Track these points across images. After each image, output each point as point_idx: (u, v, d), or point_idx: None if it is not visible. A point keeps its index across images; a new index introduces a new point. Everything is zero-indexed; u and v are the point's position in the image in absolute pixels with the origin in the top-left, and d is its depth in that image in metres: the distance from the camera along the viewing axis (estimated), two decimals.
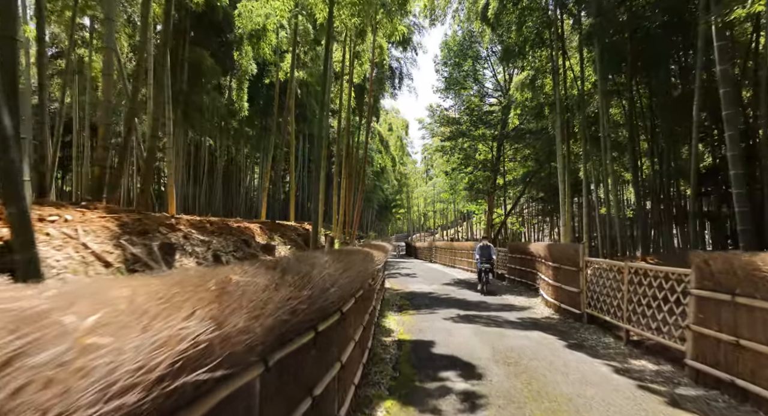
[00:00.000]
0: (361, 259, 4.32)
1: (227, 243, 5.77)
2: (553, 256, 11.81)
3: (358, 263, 4.12)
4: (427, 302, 13.82)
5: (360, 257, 4.30)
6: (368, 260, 4.74)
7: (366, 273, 4.87)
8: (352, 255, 4.17)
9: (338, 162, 14.29)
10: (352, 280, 4.02)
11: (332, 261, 3.28)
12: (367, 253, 4.90)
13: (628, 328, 7.66)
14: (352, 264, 3.81)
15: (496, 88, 25.58)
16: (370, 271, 5.29)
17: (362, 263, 4.43)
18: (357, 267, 4.15)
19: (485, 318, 10.73)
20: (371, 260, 4.96)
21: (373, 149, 30.05)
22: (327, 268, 2.90)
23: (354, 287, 4.51)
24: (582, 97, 14.48)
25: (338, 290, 3.21)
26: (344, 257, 3.83)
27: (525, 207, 33.75)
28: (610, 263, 8.62)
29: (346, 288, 3.75)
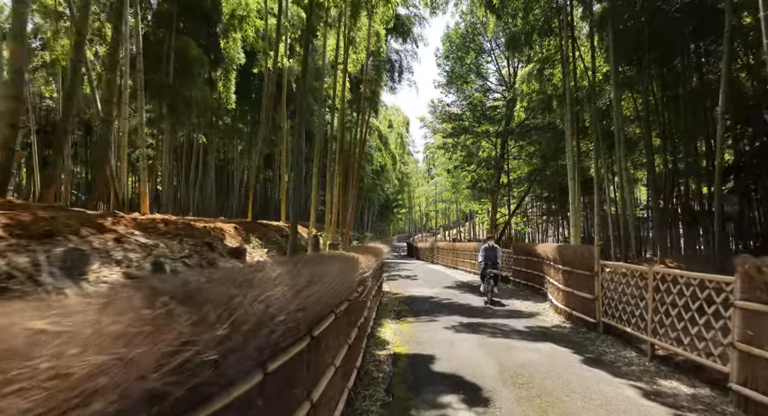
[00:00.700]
0: (341, 268, 3.49)
1: (182, 247, 4.97)
2: (563, 258, 10.95)
3: (334, 274, 3.28)
4: (427, 307, 12.98)
5: (339, 266, 3.46)
6: (351, 268, 3.91)
7: (349, 284, 4.04)
8: (328, 264, 3.33)
9: (331, 158, 13.41)
10: (327, 295, 3.19)
11: (293, 274, 2.44)
12: (350, 259, 4.07)
13: (654, 341, 6.79)
14: (324, 276, 2.97)
15: (500, 83, 24.73)
16: (355, 280, 4.45)
17: (343, 273, 3.60)
18: (334, 279, 3.31)
19: (490, 327, 9.88)
20: (355, 269, 4.12)
21: (372, 146, 29.19)
22: (276, 286, 2.06)
23: (332, 303, 3.69)
24: (593, 89, 13.62)
25: (298, 313, 2.39)
26: (316, 268, 2.99)
27: (529, 207, 32.89)
28: (631, 267, 7.76)
29: (316, 306, 2.93)
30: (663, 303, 6.60)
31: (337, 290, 3.66)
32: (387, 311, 12.33)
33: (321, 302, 3.09)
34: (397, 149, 38.67)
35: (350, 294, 4.78)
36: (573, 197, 12.98)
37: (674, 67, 13.95)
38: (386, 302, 13.94)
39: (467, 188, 25.04)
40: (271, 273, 2.15)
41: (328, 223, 12.49)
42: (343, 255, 4.08)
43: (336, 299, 3.85)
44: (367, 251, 5.74)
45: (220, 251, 5.59)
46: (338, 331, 4.40)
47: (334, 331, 4.18)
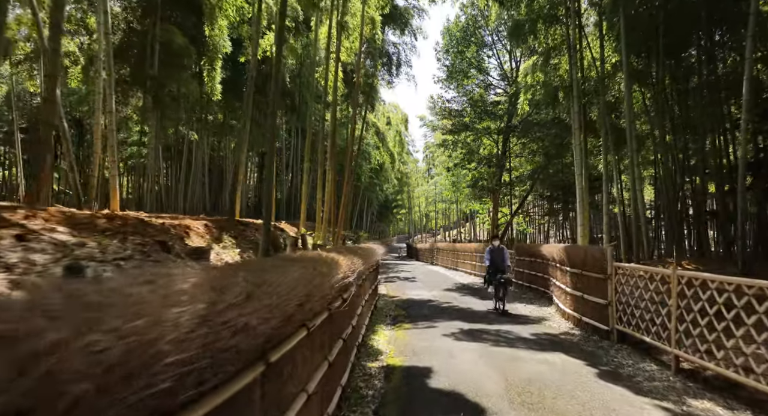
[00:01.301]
0: (310, 274, 2.76)
1: (123, 247, 4.26)
2: (571, 260, 10.22)
3: (299, 282, 2.55)
4: (426, 312, 12.25)
5: (305, 271, 2.74)
6: (326, 273, 3.19)
7: (323, 292, 3.32)
8: (291, 269, 2.60)
9: (323, 152, 12.65)
10: (287, 307, 2.47)
11: (222, 285, 1.72)
12: (326, 262, 3.35)
13: (678, 354, 6.06)
14: (279, 285, 2.24)
15: (501, 78, 24.01)
16: (334, 286, 3.74)
17: (314, 279, 2.88)
18: (297, 288, 2.58)
19: (493, 334, 9.14)
20: (332, 273, 3.40)
21: (370, 144, 28.39)
22: (175, 306, 1.33)
23: (300, 317, 2.98)
24: (602, 80, 12.89)
25: (230, 339, 1.67)
26: (267, 274, 2.27)
27: (531, 206, 32.16)
28: (650, 269, 7.03)
29: (269, 323, 2.22)
30: (689, 311, 5.87)
31: (307, 300, 2.94)
32: (382, 316, 11.60)
33: (279, 318, 2.37)
34: (396, 147, 37.77)
35: (330, 303, 4.06)
36: (580, 195, 12.21)
37: (686, 57, 13.24)
38: (382, 306, 13.21)
39: (468, 186, 24.28)
40: (172, 286, 1.42)
41: (320, 222, 11.73)
42: (317, 258, 3.35)
43: (307, 311, 3.14)
44: (354, 253, 5.01)
45: (178, 251, 4.86)
46: (313, 348, 3.69)
47: (307, 349, 3.46)
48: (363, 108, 22.95)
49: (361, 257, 5.31)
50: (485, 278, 12.40)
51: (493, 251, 11.97)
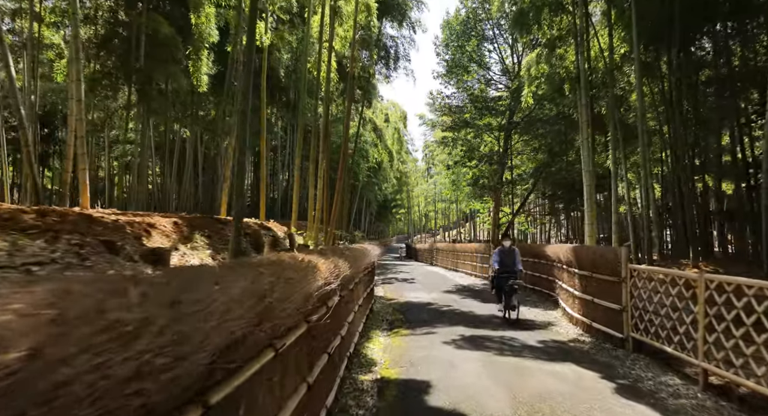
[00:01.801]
0: (267, 284, 2.12)
1: (52, 248, 3.64)
2: (580, 261, 9.59)
3: (253, 293, 1.91)
4: (424, 316, 11.61)
5: (264, 280, 2.10)
6: (299, 281, 2.56)
7: (294, 306, 2.68)
8: (242, 276, 1.96)
9: (315, 146, 11.96)
10: (241, 325, 1.86)
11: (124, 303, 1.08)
12: (299, 266, 2.72)
13: (707, 367, 5.42)
14: (209, 304, 1.60)
15: (503, 74, 23.34)
16: (312, 295, 3.11)
17: (268, 291, 2.24)
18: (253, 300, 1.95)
19: (497, 342, 8.50)
20: (306, 281, 2.77)
21: (367, 141, 27.67)
22: None
23: (266, 334, 2.36)
24: (610, 71, 12.23)
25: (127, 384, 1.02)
26: (197, 285, 1.63)
27: (532, 206, 31.51)
28: (672, 272, 6.39)
29: (204, 350, 1.60)
30: (720, 319, 5.23)
31: (266, 316, 2.30)
32: (378, 320, 10.96)
33: (214, 345, 1.74)
34: (394, 145, 36.96)
35: (308, 315, 3.42)
36: (588, 193, 11.53)
37: (699, 48, 12.62)
38: (378, 310, 12.58)
39: (468, 185, 23.62)
40: None
41: (311, 220, 11.06)
42: (289, 262, 2.71)
43: (274, 328, 2.50)
44: (341, 255, 4.37)
45: (129, 252, 4.22)
46: (286, 371, 3.05)
47: (278, 373, 2.82)
48: (360, 104, 22.28)
49: (350, 260, 4.67)
50: (492, 282, 11.17)
51: (503, 253, 10.59)
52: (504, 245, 10.77)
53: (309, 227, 11.08)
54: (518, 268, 10.42)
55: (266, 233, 7.88)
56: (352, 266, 5.05)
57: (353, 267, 5.07)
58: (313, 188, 11.21)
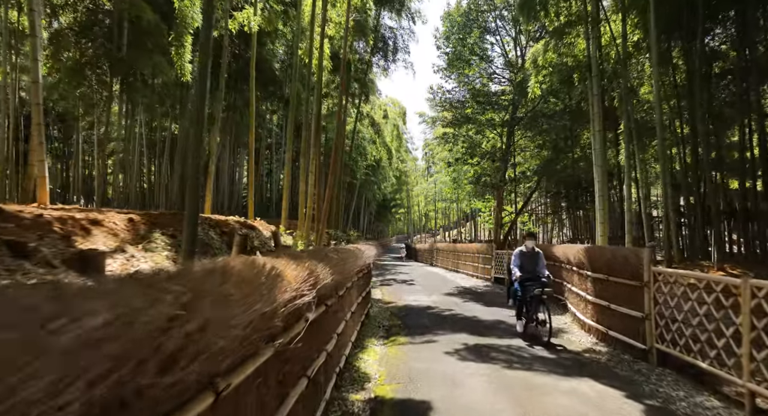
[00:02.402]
0: (164, 310, 1.33)
1: None
2: (594, 263, 8.83)
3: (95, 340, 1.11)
4: (425, 321, 10.85)
5: (166, 302, 1.31)
6: (229, 300, 1.78)
7: (247, 332, 1.91)
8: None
9: (306, 139, 11.20)
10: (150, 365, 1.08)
11: None
12: (244, 280, 1.95)
13: (755, 389, 4.66)
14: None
15: (506, 67, 22.57)
16: (276, 314, 2.36)
17: (165, 324, 1.45)
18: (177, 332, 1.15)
19: (505, 352, 7.75)
20: (262, 297, 2.00)
21: (365, 138, 26.86)
22: None
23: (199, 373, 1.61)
24: (624, 60, 11.44)
25: None
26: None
27: (535, 205, 30.72)
28: (705, 277, 5.64)
29: None
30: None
31: (200, 344, 1.56)
32: (375, 326, 10.20)
33: None
34: (393, 143, 36.08)
35: (275, 337, 2.68)
36: (600, 189, 10.74)
37: (718, 36, 11.88)
38: (375, 314, 11.82)
39: (470, 183, 22.85)
40: None
41: (302, 219, 10.31)
42: (236, 272, 1.94)
43: (208, 362, 1.75)
44: (324, 258, 3.61)
45: (47, 256, 3.47)
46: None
47: None
48: (357, 98, 21.52)
49: (337, 264, 3.92)
50: (510, 292, 9.27)
51: (525, 256, 8.71)
52: (526, 247, 8.79)
53: (299, 226, 10.31)
54: (544, 274, 8.46)
55: (248, 232, 7.13)
56: (340, 270, 4.30)
57: (342, 272, 4.32)
58: (304, 184, 10.43)
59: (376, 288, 18.43)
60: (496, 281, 20.53)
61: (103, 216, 4.84)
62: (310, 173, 10.13)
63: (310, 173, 10.10)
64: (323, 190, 11.56)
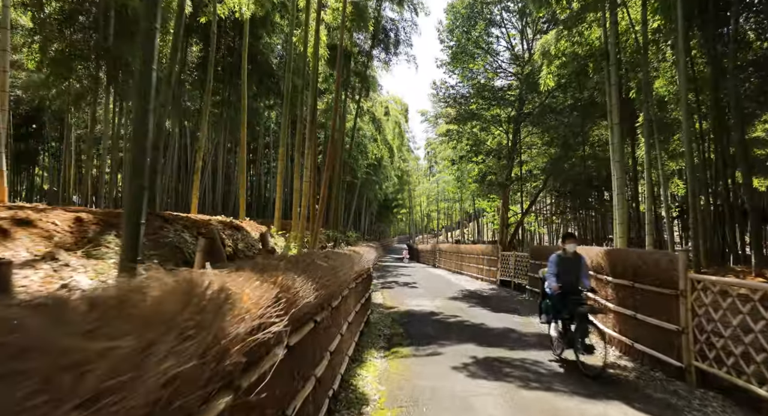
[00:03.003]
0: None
1: None
2: (615, 268, 8.05)
3: None
4: (429, 329, 10.07)
5: None
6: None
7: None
8: None
9: (301, 132, 10.41)
10: None
11: None
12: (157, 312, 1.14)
13: None
14: None
15: (512, 62, 21.76)
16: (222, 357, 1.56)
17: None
18: None
19: (519, 367, 6.97)
20: (200, 338, 1.19)
21: (366, 135, 26.04)
22: None
23: None
24: (644, 46, 10.61)
25: None
26: None
27: (541, 205, 29.87)
28: (761, 287, 4.84)
29: None
30: None
31: None
32: (374, 335, 9.43)
33: None
34: (395, 141, 35.20)
35: (232, 381, 1.91)
36: (618, 186, 9.89)
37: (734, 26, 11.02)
38: (376, 321, 11.05)
39: (474, 182, 22.02)
40: None
41: (296, 219, 9.56)
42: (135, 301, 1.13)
43: None
44: (308, 268, 2.84)
45: None
46: None
47: None
48: (356, 92, 20.74)
49: (325, 276, 3.14)
50: (541, 305, 7.68)
51: (564, 262, 6.99)
52: (565, 251, 7.09)
53: (293, 227, 9.54)
54: (588, 285, 6.90)
55: (233, 234, 6.37)
56: (332, 281, 3.52)
57: (333, 284, 3.56)
58: (299, 181, 9.65)
59: (377, 291, 17.66)
60: (502, 284, 19.76)
61: (39, 215, 4.08)
62: (305, 169, 9.35)
63: (306, 170, 9.32)
64: (319, 187, 10.91)
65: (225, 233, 5.95)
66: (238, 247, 5.80)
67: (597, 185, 21.40)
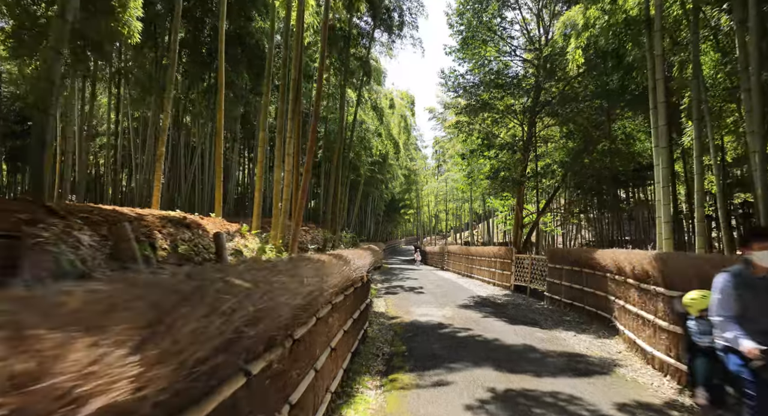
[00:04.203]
0: None
1: None
2: (672, 277, 6.48)
3: None
4: (436, 347, 8.55)
5: None
6: None
7: None
8: None
9: (281, 111, 8.83)
10: None
11: None
12: None
13: None
14: None
15: (527, 47, 20.11)
16: None
17: None
18: None
19: (551, 404, 5.45)
20: None
21: (369, 129, 24.47)
22: None
23: None
24: (695, 9, 8.90)
25: None
26: None
27: (554, 203, 28.05)
28: None
29: None
30: None
31: None
32: (371, 356, 7.94)
33: None
34: (401, 135, 33.46)
35: None
36: (664, 177, 8.16)
37: None
38: (375, 336, 9.56)
39: (486, 178, 20.42)
40: None
41: (277, 215, 8.06)
42: None
43: None
44: None
45: None
46: None
47: None
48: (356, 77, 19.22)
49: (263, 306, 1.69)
50: (693, 366, 4.58)
51: (751, 287, 3.49)
52: (756, 259, 3.50)
53: (274, 225, 8.06)
54: None
55: (175, 233, 4.87)
56: (265, 312, 2.04)
57: (273, 313, 2.09)
58: (280, 169, 8.14)
59: (379, 298, 16.19)
60: (517, 290, 18.19)
61: None
62: (287, 155, 7.85)
63: (288, 157, 7.82)
64: (320, 183, 9.48)
65: (162, 233, 4.56)
66: (178, 250, 4.40)
67: (624, 180, 19.69)
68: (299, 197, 7.08)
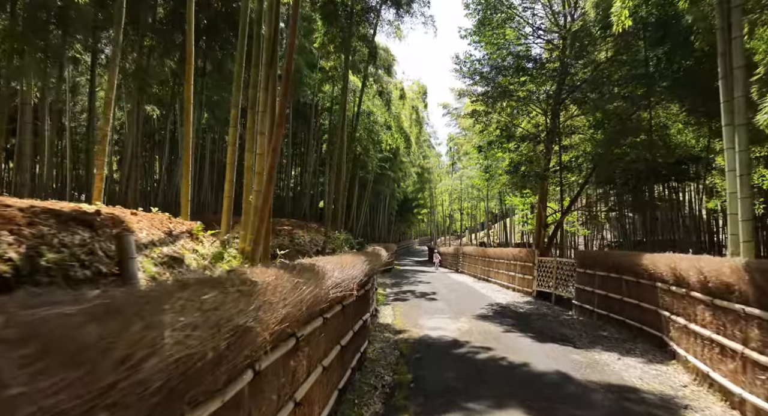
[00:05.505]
0: None
1: None
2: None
3: None
4: (450, 377, 6.92)
5: None
6: None
7: None
8: None
9: (254, 79, 7.21)
10: None
11: None
12: None
13: None
14: None
15: (551, 28, 18.23)
16: None
17: None
18: None
19: None
20: None
21: (378, 121, 22.67)
22: None
23: None
24: None
25: None
26: None
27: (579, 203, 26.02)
28: None
29: None
30: None
31: None
32: (368, 388, 6.34)
33: None
34: (413, 128, 31.42)
35: None
36: (741, 161, 6.30)
37: None
38: (376, 358, 7.97)
39: (506, 173, 18.62)
40: None
41: (247, 209, 6.49)
42: None
43: None
44: None
45: None
46: None
47: None
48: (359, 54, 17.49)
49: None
50: None
51: None
52: None
53: (245, 223, 6.53)
54: None
55: (59, 234, 3.36)
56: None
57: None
58: (252, 153, 6.54)
59: (387, 305, 14.62)
60: (539, 296, 16.40)
61: None
62: (259, 134, 6.23)
63: (260, 136, 6.19)
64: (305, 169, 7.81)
65: (20, 234, 3.10)
66: (39, 261, 2.92)
67: (666, 173, 17.62)
68: (264, 183, 5.48)
